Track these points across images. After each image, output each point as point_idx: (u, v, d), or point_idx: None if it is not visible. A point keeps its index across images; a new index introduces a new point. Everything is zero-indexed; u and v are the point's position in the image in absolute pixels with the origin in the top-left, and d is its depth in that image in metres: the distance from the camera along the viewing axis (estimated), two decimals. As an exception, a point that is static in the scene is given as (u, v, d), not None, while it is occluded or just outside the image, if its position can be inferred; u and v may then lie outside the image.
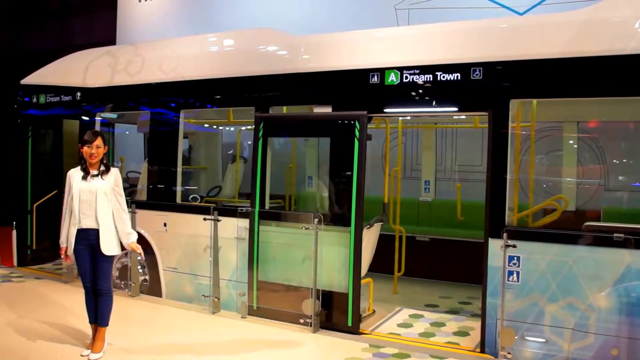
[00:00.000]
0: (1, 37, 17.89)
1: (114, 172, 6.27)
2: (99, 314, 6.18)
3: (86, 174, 6.13)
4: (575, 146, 8.69)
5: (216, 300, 7.82)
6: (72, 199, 6.08)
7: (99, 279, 6.12)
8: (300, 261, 7.32)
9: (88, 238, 6.05)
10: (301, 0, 12.53)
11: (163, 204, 8.52)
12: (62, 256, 6.28)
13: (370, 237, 7.54)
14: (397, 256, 8.97)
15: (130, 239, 6.21)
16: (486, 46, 6.53)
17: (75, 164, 9.92)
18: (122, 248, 6.29)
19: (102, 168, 6.19)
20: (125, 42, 13.74)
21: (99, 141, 6.13)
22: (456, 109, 6.86)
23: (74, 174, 6.20)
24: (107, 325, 6.21)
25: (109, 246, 6.06)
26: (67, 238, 6.16)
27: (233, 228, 7.79)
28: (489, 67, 6.35)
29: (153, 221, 8.54)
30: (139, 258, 6.33)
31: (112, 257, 6.19)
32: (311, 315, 7.04)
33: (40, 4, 17.68)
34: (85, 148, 6.11)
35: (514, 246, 5.94)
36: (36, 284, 9.25)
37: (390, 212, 8.90)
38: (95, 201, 6.03)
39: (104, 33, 15.59)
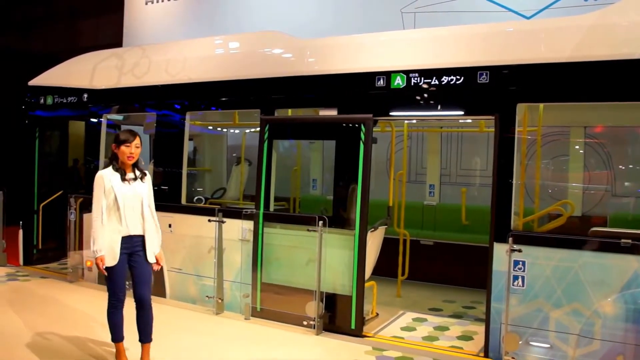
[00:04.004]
0: (9, 39, 17.98)
1: (149, 176, 5.89)
2: (143, 329, 5.69)
3: (123, 175, 5.64)
4: (581, 151, 8.66)
5: (220, 301, 7.82)
6: (116, 204, 5.53)
7: (142, 288, 5.65)
8: (304, 263, 7.31)
9: (131, 245, 5.61)
10: (307, 3, 12.54)
11: (168, 205, 8.52)
12: (100, 267, 5.57)
13: (374, 241, 7.53)
14: (401, 260, 8.95)
15: (159, 249, 5.84)
16: (493, 50, 6.51)
17: (82, 164, 10.02)
18: None
19: (138, 172, 5.74)
20: (132, 45, 13.79)
21: (138, 140, 5.66)
22: (462, 112, 6.84)
23: (110, 176, 5.59)
24: (152, 339, 5.77)
25: (153, 253, 5.73)
26: (108, 246, 5.53)
27: (237, 230, 7.79)
28: (495, 71, 6.33)
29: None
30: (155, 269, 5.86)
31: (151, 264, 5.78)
32: (315, 318, 7.03)
33: (47, 6, 17.76)
34: (122, 147, 5.58)
35: (520, 251, 5.92)
36: (42, 283, 9.27)
37: (394, 216, 8.90)
38: (141, 206, 5.65)
39: (110, 35, 15.68)
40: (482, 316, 7.09)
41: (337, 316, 7.11)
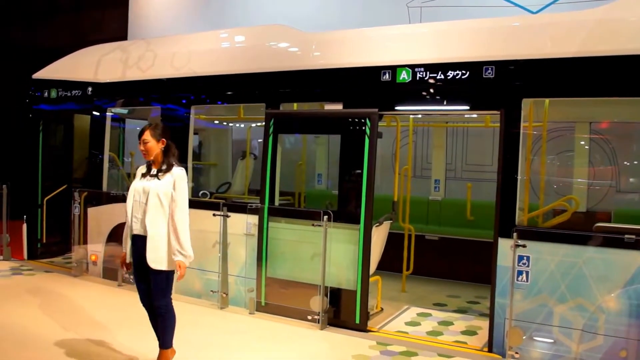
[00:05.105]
0: (13, 32, 17.97)
1: (175, 173, 5.28)
2: (158, 334, 5.47)
3: (148, 171, 5.37)
4: (586, 147, 8.65)
5: (224, 295, 7.83)
6: (127, 199, 5.37)
7: (153, 296, 5.31)
8: (309, 258, 7.32)
9: (138, 246, 5.28)
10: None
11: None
12: (121, 265, 5.58)
13: (379, 235, 7.53)
14: (405, 254, 8.96)
15: (178, 257, 5.20)
16: (498, 45, 6.50)
17: (86, 158, 10.02)
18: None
19: (164, 166, 5.32)
20: (137, 38, 13.76)
21: (146, 135, 5.28)
22: (468, 107, 6.83)
23: (140, 170, 5.45)
24: (168, 347, 5.45)
25: (156, 259, 5.16)
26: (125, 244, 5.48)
27: (242, 224, 7.80)
28: (501, 66, 6.32)
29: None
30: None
31: (166, 271, 5.26)
32: (319, 312, 7.04)
33: (52, -1, 17.77)
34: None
35: (524, 246, 5.93)
36: (46, 277, 9.29)
37: (399, 211, 8.88)
38: (146, 204, 5.19)
39: (115, 28, 15.65)
40: (486, 311, 7.09)
41: (342, 311, 7.12)
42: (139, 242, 5.26)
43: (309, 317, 7.14)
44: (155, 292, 5.30)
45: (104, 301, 8.02)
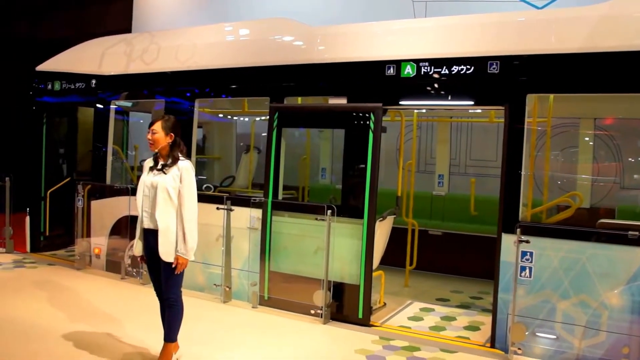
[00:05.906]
0: (18, 24, 17.96)
1: (181, 167, 5.28)
2: (164, 325, 5.52)
3: (155, 164, 5.38)
4: (591, 143, 8.63)
5: (227, 289, 7.84)
6: (137, 193, 5.40)
7: (163, 288, 5.41)
8: (312, 252, 7.32)
9: (149, 241, 5.36)
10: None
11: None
12: (139, 259, 5.65)
13: (382, 230, 7.53)
14: (409, 249, 8.96)
15: (180, 251, 5.27)
16: (503, 40, 6.48)
17: (90, 151, 10.02)
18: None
19: (169, 160, 5.31)
20: (141, 31, 13.76)
21: (156, 125, 5.27)
22: (472, 102, 6.82)
23: (147, 164, 5.46)
24: (173, 341, 5.50)
25: (168, 252, 5.23)
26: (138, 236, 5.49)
27: (246, 218, 7.80)
28: (506, 61, 6.31)
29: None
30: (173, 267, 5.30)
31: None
32: (322, 307, 7.05)
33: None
34: None
35: (527, 242, 5.92)
36: (49, 270, 9.31)
37: (403, 206, 8.89)
38: (155, 198, 5.23)
39: (119, 21, 15.62)
40: (489, 307, 7.10)
41: (345, 305, 7.13)
42: (150, 236, 5.33)
43: (312, 312, 7.16)
44: (166, 284, 5.38)
45: (108, 294, 8.03)
